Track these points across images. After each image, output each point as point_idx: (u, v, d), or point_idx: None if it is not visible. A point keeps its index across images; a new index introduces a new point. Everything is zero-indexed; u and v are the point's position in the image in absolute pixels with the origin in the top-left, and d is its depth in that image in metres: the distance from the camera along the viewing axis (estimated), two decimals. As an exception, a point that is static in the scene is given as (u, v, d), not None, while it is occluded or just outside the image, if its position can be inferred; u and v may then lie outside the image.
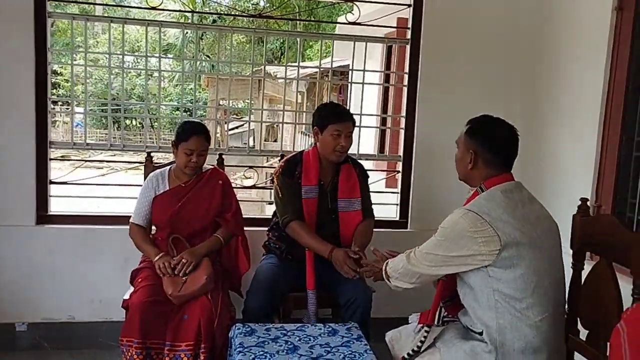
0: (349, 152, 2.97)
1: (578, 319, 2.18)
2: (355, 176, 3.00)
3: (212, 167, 3.05)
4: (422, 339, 2.13)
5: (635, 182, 2.86)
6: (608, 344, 1.52)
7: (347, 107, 3.93)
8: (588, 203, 2.29)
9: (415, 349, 2.13)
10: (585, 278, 2.17)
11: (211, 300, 2.62)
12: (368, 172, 3.20)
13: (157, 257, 2.74)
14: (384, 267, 2.27)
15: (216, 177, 2.97)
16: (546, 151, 3.35)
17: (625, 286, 1.98)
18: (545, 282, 1.94)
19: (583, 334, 2.17)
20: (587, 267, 2.18)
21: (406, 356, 2.14)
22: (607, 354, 1.57)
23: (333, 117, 2.86)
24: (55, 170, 3.51)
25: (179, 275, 2.68)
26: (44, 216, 3.36)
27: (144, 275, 2.76)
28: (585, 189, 3.09)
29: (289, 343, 2.31)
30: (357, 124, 3.69)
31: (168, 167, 3.01)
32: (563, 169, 3.31)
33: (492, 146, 2.05)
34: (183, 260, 2.72)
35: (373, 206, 3.15)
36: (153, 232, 2.97)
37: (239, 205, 3.02)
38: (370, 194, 3.13)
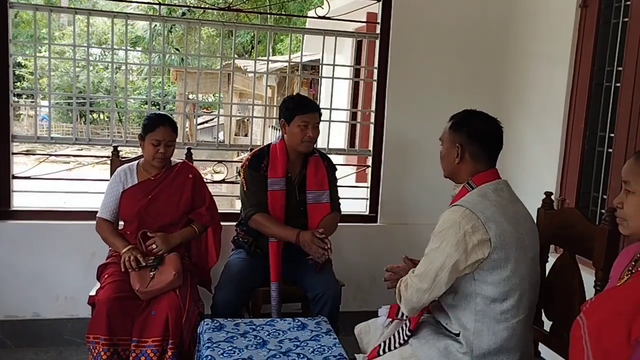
0: (318, 146, 2.96)
1: (542, 311, 2.22)
2: (323, 169, 3.01)
3: (181, 160, 3.02)
4: (397, 335, 2.09)
5: (599, 177, 2.92)
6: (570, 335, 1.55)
7: (318, 102, 3.94)
8: (552, 197, 2.34)
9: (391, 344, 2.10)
10: (549, 270, 2.22)
11: (179, 296, 2.60)
12: (338, 166, 3.21)
13: (124, 250, 2.71)
14: (398, 285, 2.08)
15: (186, 171, 2.94)
16: (512, 146, 3.40)
17: (588, 277, 2.03)
18: (526, 285, 1.92)
19: (547, 325, 2.21)
20: (552, 260, 2.23)
21: (381, 352, 2.10)
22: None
23: (299, 109, 2.86)
24: (20, 165, 3.43)
25: (146, 264, 2.66)
26: (6, 212, 3.28)
27: (111, 271, 2.71)
28: (551, 184, 3.15)
29: (258, 338, 2.31)
30: (328, 118, 3.71)
31: (136, 161, 2.97)
32: (529, 163, 3.37)
33: (477, 138, 2.01)
34: (154, 245, 2.71)
35: (343, 200, 3.16)
36: (121, 227, 2.93)
37: (212, 198, 3.01)
38: (338, 188, 3.14)
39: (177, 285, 2.63)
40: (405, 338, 2.04)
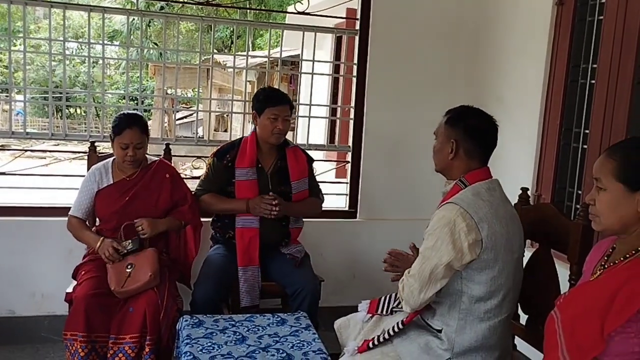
0: (298, 142, 2.97)
1: (519, 304, 2.25)
2: (304, 160, 3.07)
3: (158, 159, 2.98)
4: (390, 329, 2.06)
5: (574, 172, 2.97)
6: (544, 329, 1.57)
7: (297, 98, 3.94)
8: (529, 192, 2.37)
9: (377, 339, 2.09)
10: (525, 264, 2.25)
11: (157, 292, 2.58)
12: (318, 162, 3.23)
13: (99, 243, 2.68)
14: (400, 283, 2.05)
15: (163, 170, 2.91)
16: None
17: (563, 272, 2.07)
18: (510, 284, 1.93)
19: (523, 318, 2.24)
20: (527, 254, 2.26)
21: (371, 345, 2.06)
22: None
23: (270, 101, 2.91)
24: (-7, 160, 3.37)
25: (126, 250, 2.65)
26: (-20, 208, 3.23)
27: (88, 268, 2.69)
28: (527, 179, 3.19)
29: (238, 334, 2.31)
30: (307, 114, 3.71)
31: (111, 159, 2.91)
32: (506, 159, 3.40)
33: (473, 135, 2.00)
34: (140, 227, 2.69)
35: (325, 196, 3.19)
36: (97, 224, 2.90)
37: (192, 195, 2.99)
38: (318, 182, 3.17)
39: (153, 285, 2.60)
40: (396, 331, 2.02)
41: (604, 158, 1.55)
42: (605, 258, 1.58)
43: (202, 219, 3.00)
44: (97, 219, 2.90)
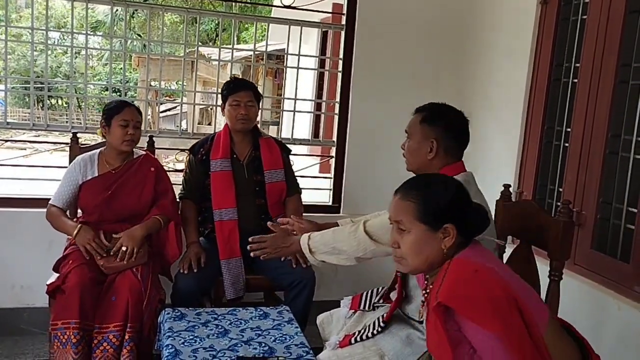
0: (282, 135, 2.96)
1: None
2: (277, 150, 3.09)
3: (144, 152, 2.95)
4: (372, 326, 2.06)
5: (555, 170, 3.00)
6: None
7: (282, 92, 3.93)
8: (511, 189, 2.39)
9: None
10: (506, 261, 2.27)
11: (141, 281, 2.57)
12: (302, 157, 3.23)
13: (76, 231, 2.63)
14: (304, 241, 2.20)
15: (148, 164, 2.88)
16: (473, 138, 3.44)
17: (543, 268, 2.09)
18: None
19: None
20: (509, 250, 2.29)
21: (353, 341, 2.10)
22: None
23: (230, 90, 2.98)
24: (-27, 151, 3.32)
25: (112, 252, 2.63)
26: (-41, 198, 3.18)
27: (74, 257, 2.63)
28: (509, 176, 3.22)
29: (220, 327, 2.30)
30: (292, 108, 3.71)
31: (97, 150, 2.88)
32: (489, 156, 3.44)
33: (454, 132, 2.01)
34: (123, 248, 2.62)
35: (307, 191, 3.19)
36: (79, 215, 2.87)
37: (174, 191, 2.97)
38: (302, 178, 3.18)
39: (142, 262, 2.63)
40: (379, 329, 2.03)
41: (401, 201, 1.57)
42: (425, 295, 1.63)
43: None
44: (80, 210, 2.87)
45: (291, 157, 3.24)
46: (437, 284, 1.50)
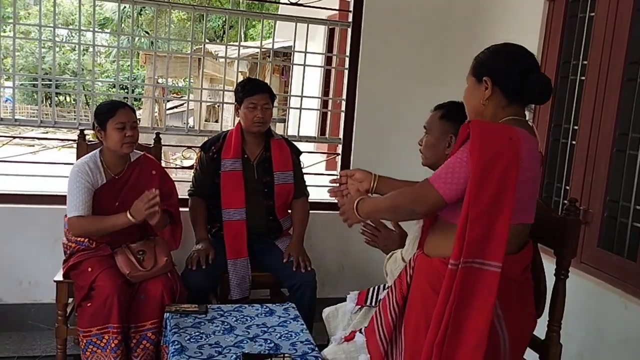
0: (289, 133, 2.97)
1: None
2: (288, 152, 3.08)
3: (141, 153, 2.85)
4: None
5: (562, 168, 2.99)
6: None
7: (289, 89, 3.93)
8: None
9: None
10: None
11: (171, 278, 2.63)
12: (308, 154, 3.23)
13: (128, 214, 2.55)
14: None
15: (149, 167, 2.82)
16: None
17: (549, 266, 2.08)
18: None
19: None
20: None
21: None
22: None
23: (247, 91, 2.94)
24: (-19, 147, 3.34)
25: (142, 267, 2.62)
26: (-32, 195, 3.20)
27: (92, 264, 2.59)
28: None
29: (226, 324, 2.31)
30: (299, 106, 3.71)
31: (96, 154, 2.76)
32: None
33: None
34: (152, 196, 2.52)
35: (313, 188, 3.19)
36: None
37: (176, 190, 2.97)
38: (307, 175, 3.18)
39: (167, 270, 2.65)
40: None
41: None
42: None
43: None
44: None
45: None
46: None
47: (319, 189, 3.44)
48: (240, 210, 2.92)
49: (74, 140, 3.20)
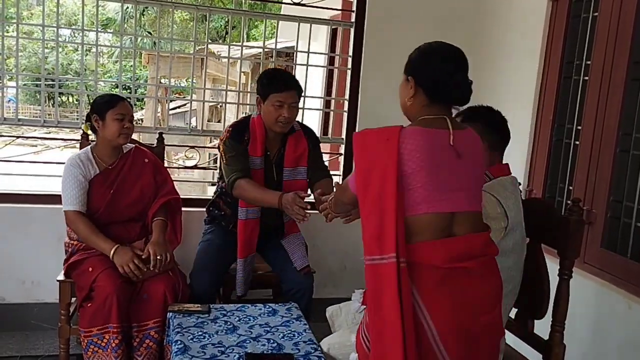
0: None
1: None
2: (304, 145, 2.88)
3: (133, 146, 2.86)
4: None
5: (565, 168, 2.99)
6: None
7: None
8: (520, 187, 2.38)
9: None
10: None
11: (173, 276, 2.63)
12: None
13: (113, 252, 2.56)
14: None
15: (141, 156, 2.83)
16: (483, 137, 3.46)
17: (553, 266, 2.08)
18: (519, 278, 1.99)
19: (512, 312, 2.26)
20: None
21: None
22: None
23: (275, 86, 2.68)
24: (-16, 147, 3.34)
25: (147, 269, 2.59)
26: (-29, 194, 3.21)
27: (93, 263, 2.60)
28: (519, 174, 3.20)
29: (229, 323, 2.31)
30: (302, 106, 3.71)
31: (86, 149, 2.78)
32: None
33: (494, 128, 2.13)
34: (158, 257, 2.58)
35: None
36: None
37: (171, 177, 2.97)
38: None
39: (170, 267, 2.65)
40: None
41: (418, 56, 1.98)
42: None
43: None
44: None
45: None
46: None
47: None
48: (256, 209, 2.80)
49: (77, 140, 3.21)
